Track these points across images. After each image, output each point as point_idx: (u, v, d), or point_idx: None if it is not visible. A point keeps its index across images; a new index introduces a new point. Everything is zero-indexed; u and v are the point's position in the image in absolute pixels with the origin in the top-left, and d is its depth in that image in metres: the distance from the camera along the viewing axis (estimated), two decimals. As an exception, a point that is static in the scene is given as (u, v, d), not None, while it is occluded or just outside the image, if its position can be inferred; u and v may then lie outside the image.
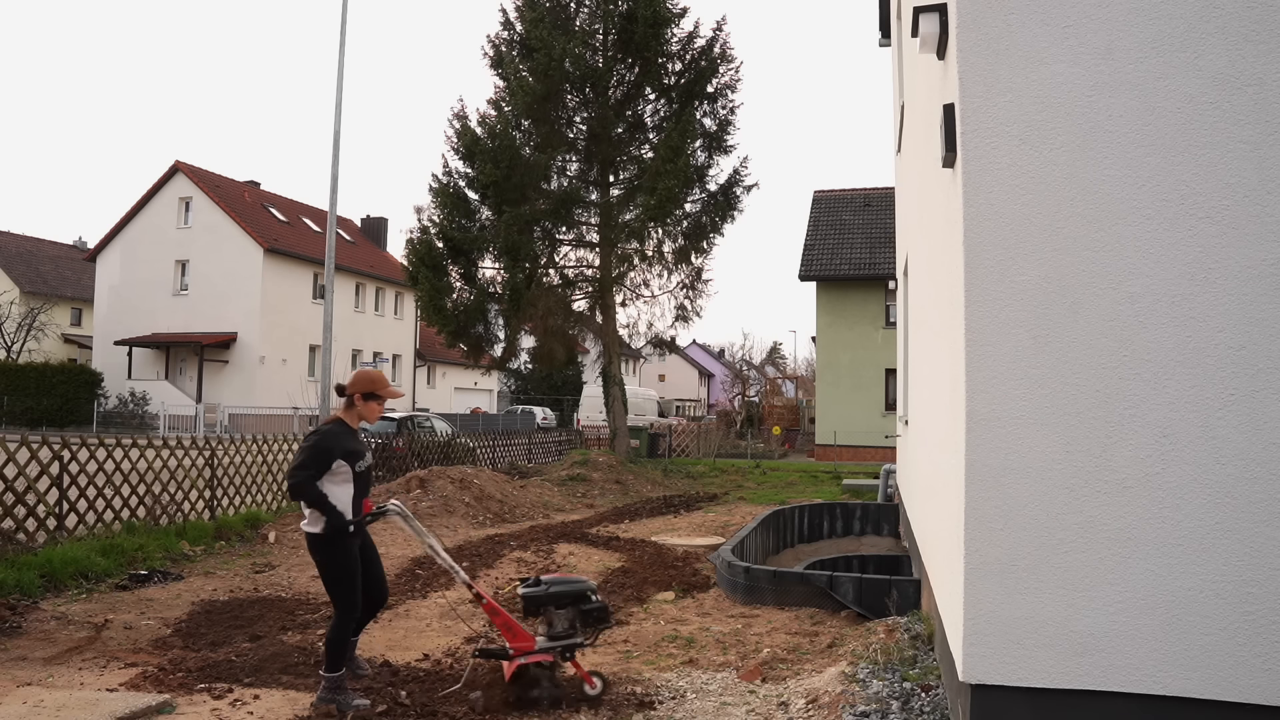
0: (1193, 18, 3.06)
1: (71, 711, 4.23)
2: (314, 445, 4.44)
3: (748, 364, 63.24)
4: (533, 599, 4.58)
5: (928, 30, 3.65)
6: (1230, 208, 3.01)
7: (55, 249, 47.16)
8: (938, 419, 4.35)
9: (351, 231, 43.56)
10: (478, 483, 13.61)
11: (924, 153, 5.06)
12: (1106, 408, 3.09)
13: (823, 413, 26.83)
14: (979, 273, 3.23)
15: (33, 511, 8.29)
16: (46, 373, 32.33)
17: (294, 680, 5.03)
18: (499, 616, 4.54)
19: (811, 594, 6.77)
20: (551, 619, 4.58)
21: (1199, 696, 2.94)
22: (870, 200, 28.68)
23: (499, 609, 4.58)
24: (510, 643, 4.49)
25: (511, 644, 4.48)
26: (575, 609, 4.61)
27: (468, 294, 21.27)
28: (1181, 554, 2.99)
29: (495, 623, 4.60)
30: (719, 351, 78.38)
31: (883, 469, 14.06)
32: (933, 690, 4.21)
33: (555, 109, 20.99)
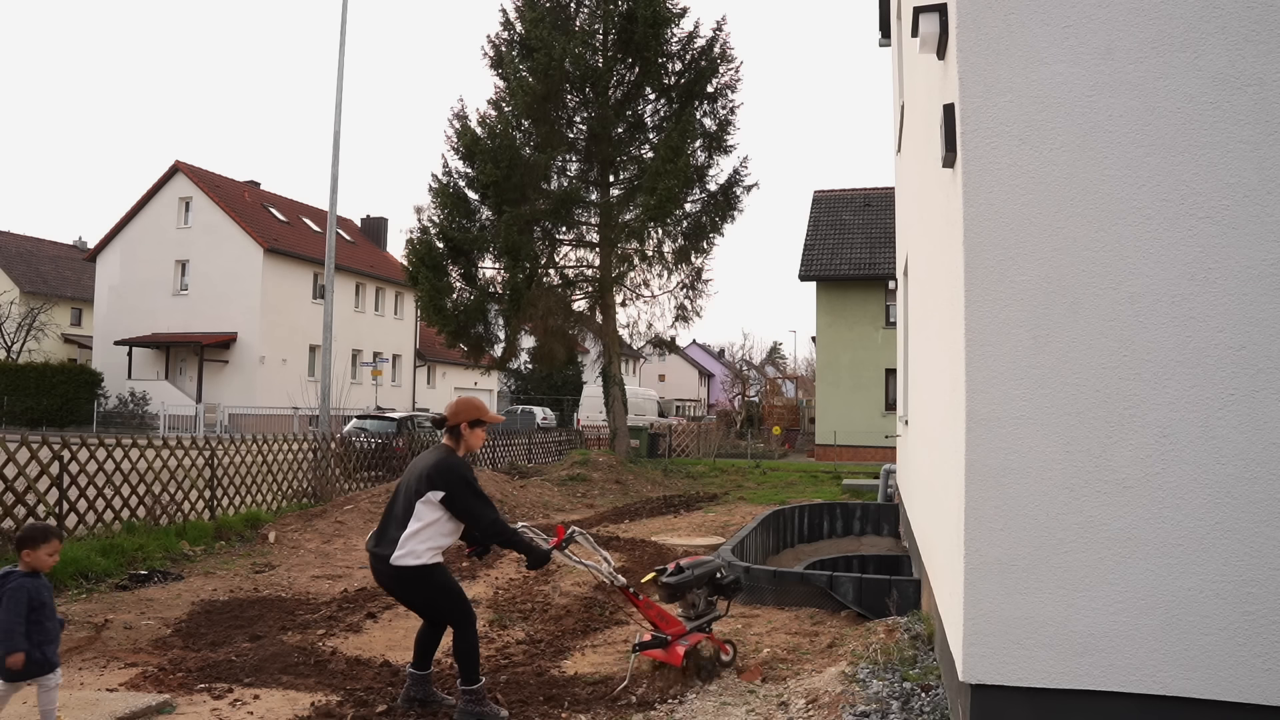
0: (1193, 18, 3.06)
1: (71, 711, 4.23)
2: (464, 481, 4.29)
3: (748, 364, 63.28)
4: (679, 585, 4.90)
5: (928, 30, 3.65)
6: (1230, 208, 3.01)
7: (55, 249, 47.17)
8: (938, 419, 4.35)
9: (351, 231, 43.57)
10: (478, 483, 13.58)
11: (924, 153, 5.07)
12: (1106, 408, 3.09)
13: (823, 413, 26.84)
14: (979, 273, 3.23)
15: (33, 511, 8.29)
16: (46, 373, 32.33)
17: (294, 680, 5.03)
18: (653, 609, 4.84)
19: (811, 594, 6.77)
20: (694, 600, 4.98)
21: (1199, 696, 2.94)
22: (870, 200, 28.68)
23: (651, 603, 4.87)
24: (665, 630, 4.81)
25: (667, 630, 4.81)
26: (711, 585, 5.06)
27: (468, 294, 21.27)
28: (1181, 554, 2.99)
29: (649, 615, 4.84)
30: (719, 351, 78.40)
31: (883, 469, 14.06)
32: (933, 690, 4.21)
33: (555, 109, 20.99)
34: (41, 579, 3.86)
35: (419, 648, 4.57)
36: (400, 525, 4.28)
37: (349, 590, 7.77)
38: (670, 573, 4.96)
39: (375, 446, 15.80)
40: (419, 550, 4.24)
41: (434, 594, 4.36)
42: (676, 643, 4.77)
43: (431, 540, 4.29)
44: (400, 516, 4.31)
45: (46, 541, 3.87)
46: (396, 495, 4.44)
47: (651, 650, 4.82)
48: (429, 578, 4.31)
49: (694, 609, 5.00)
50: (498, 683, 5.03)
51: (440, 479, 4.26)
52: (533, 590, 7.66)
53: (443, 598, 4.37)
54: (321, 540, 10.24)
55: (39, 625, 3.77)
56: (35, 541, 3.85)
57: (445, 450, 4.45)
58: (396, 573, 4.26)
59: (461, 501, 4.27)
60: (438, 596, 4.37)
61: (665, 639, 4.79)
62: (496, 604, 7.17)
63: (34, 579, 3.81)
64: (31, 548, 3.83)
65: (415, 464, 4.48)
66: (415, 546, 4.24)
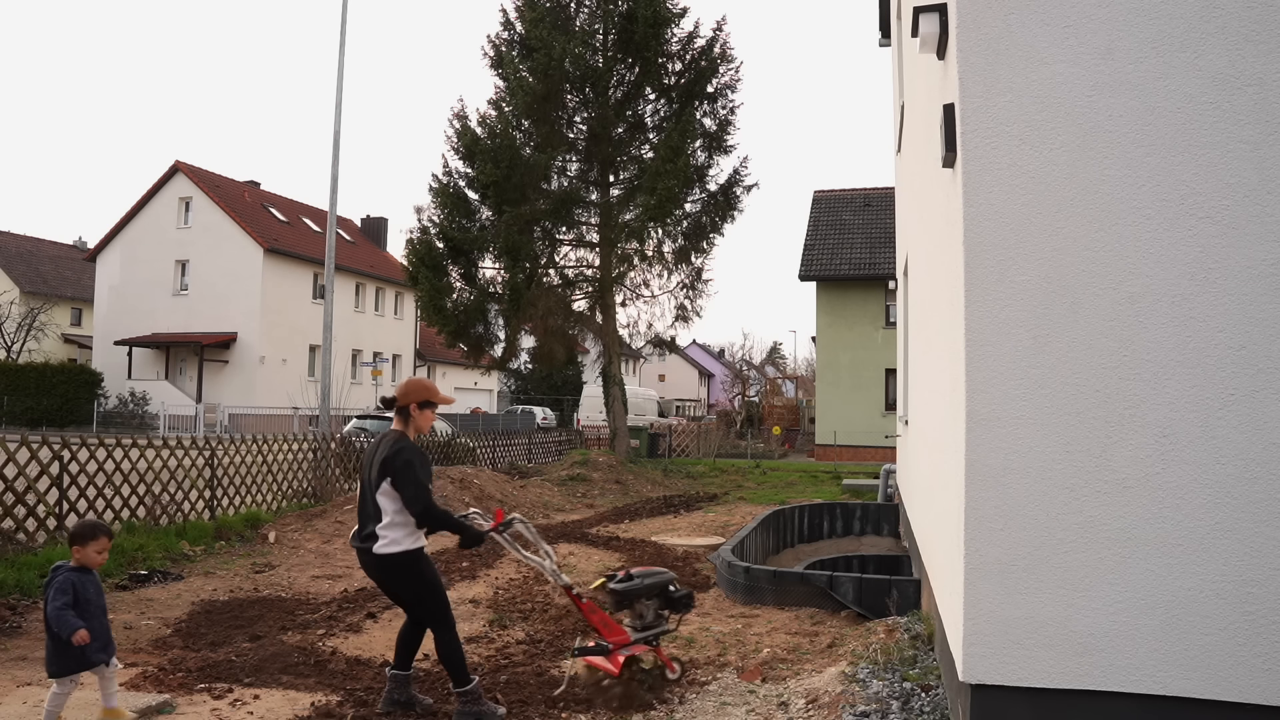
0: (1193, 18, 3.06)
1: (71, 711, 4.23)
2: (411, 464, 4.20)
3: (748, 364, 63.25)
4: (627, 593, 4.76)
5: (928, 30, 3.65)
6: (1230, 208, 3.01)
7: (55, 249, 47.16)
8: (938, 419, 4.35)
9: (351, 231, 43.57)
10: (478, 483, 13.61)
11: (924, 153, 5.06)
12: (1106, 408, 3.09)
13: (823, 413, 26.84)
14: (979, 273, 3.23)
15: (33, 511, 8.29)
16: (46, 373, 32.33)
17: (294, 680, 5.03)
18: (597, 615, 4.68)
19: (811, 594, 6.77)
20: (641, 610, 4.81)
21: (1199, 696, 2.94)
22: (870, 200, 28.68)
23: (596, 608, 4.72)
24: (608, 638, 4.64)
25: (609, 638, 4.64)
26: (661, 598, 4.88)
27: (468, 294, 21.27)
28: (1181, 554, 2.99)
29: (593, 621, 4.68)
30: (719, 351, 78.38)
31: (883, 469, 14.06)
32: (933, 690, 4.21)
33: (555, 109, 20.99)
34: (90, 575, 3.85)
35: (401, 646, 4.54)
36: (374, 518, 4.27)
37: (349, 590, 7.77)
38: (620, 579, 4.83)
39: (375, 446, 15.76)
40: (398, 537, 4.22)
41: (416, 585, 4.32)
42: (618, 651, 4.60)
43: (406, 524, 4.24)
44: (371, 510, 4.28)
45: (95, 539, 3.86)
46: (363, 489, 4.40)
47: (592, 657, 4.68)
48: (413, 566, 4.28)
49: (641, 619, 4.82)
50: (498, 682, 5.03)
51: (388, 464, 4.21)
52: (533, 590, 7.66)
53: (424, 591, 4.34)
54: (321, 540, 10.24)
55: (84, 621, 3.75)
56: (84, 539, 3.84)
57: (395, 435, 4.37)
58: (380, 562, 4.24)
59: (403, 486, 4.17)
60: (420, 588, 4.33)
61: (607, 646, 4.61)
62: (496, 604, 7.16)
63: (81, 574, 3.80)
64: (80, 544, 3.83)
65: (370, 453, 4.45)
66: (393, 534, 4.22)
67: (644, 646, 4.77)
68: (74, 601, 3.73)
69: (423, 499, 4.20)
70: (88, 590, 3.80)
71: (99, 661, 3.88)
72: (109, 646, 3.95)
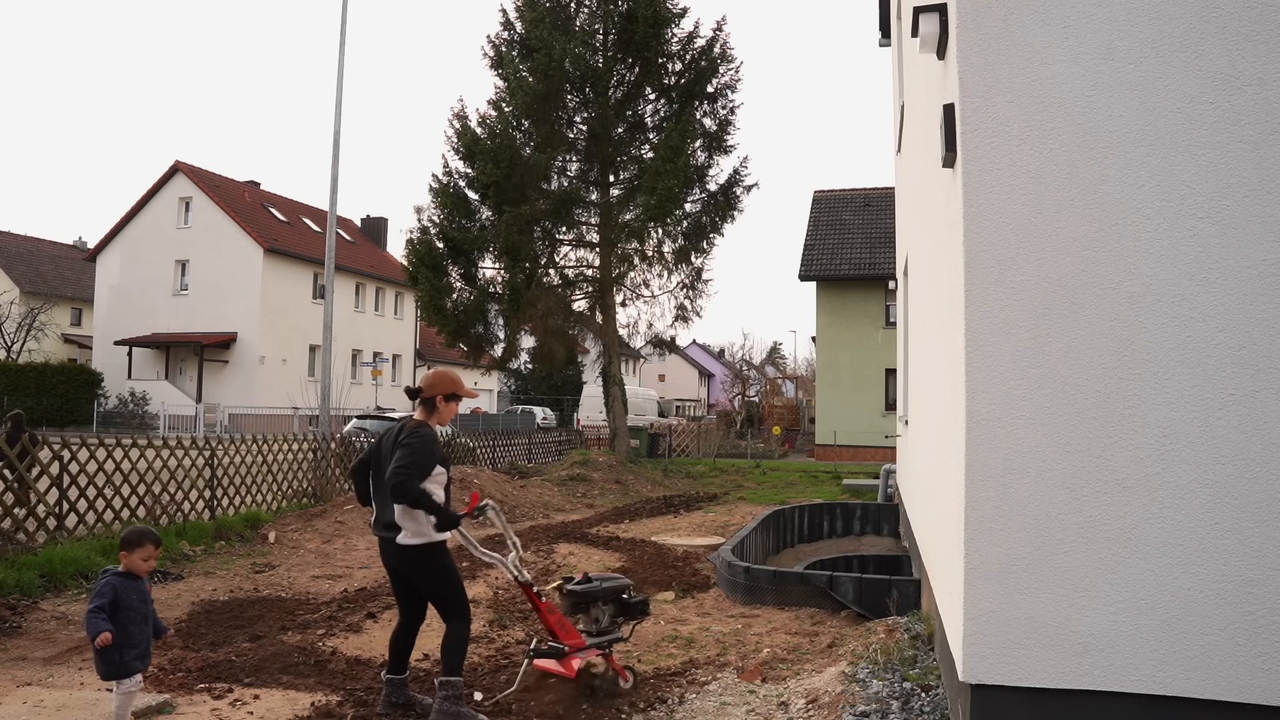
0: (1193, 18, 3.06)
1: (71, 711, 4.23)
2: (421, 445, 4.18)
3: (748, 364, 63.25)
4: (584, 595, 4.73)
5: (928, 30, 3.65)
6: (1230, 208, 3.01)
7: (55, 249, 47.16)
8: (938, 419, 4.35)
9: (351, 231, 43.57)
10: (478, 482, 13.61)
11: (924, 153, 5.07)
12: (1106, 408, 3.09)
13: (823, 413, 26.84)
14: (979, 273, 3.23)
15: (33, 511, 8.29)
16: (46, 373, 32.34)
17: (294, 680, 5.03)
18: (554, 616, 4.64)
19: (811, 594, 6.77)
20: (597, 615, 4.77)
21: (1199, 696, 2.94)
22: (870, 200, 28.68)
23: (554, 608, 4.68)
24: (564, 640, 4.59)
25: (565, 641, 4.59)
26: (617, 604, 4.83)
27: (468, 294, 21.27)
28: (1181, 554, 2.99)
29: (549, 622, 4.61)
30: (719, 351, 78.38)
31: (883, 469, 14.06)
32: (933, 690, 4.21)
33: (555, 109, 20.99)
34: (135, 582, 3.80)
35: (395, 650, 4.52)
36: (389, 508, 4.25)
37: (349, 590, 7.77)
38: (578, 582, 4.80)
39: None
40: (421, 528, 4.20)
41: (437, 576, 4.32)
42: (574, 655, 4.54)
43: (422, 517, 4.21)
44: (388, 499, 4.24)
45: (140, 546, 3.81)
46: (378, 478, 4.37)
47: (544, 661, 4.61)
48: (434, 557, 4.27)
49: (596, 624, 4.76)
50: (498, 682, 5.03)
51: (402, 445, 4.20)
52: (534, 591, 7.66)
53: (444, 582, 4.34)
54: (321, 540, 10.24)
55: (123, 628, 3.69)
56: (130, 545, 3.81)
57: (416, 423, 4.35)
58: (402, 552, 4.23)
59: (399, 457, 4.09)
60: (440, 579, 4.33)
61: (563, 649, 4.55)
62: (496, 604, 7.17)
63: (126, 580, 3.76)
64: (127, 550, 3.79)
65: (384, 442, 4.40)
66: (411, 524, 4.20)
67: (597, 652, 4.71)
68: (113, 607, 3.68)
69: (405, 471, 4.06)
70: (129, 597, 3.74)
71: (139, 669, 3.81)
72: (147, 656, 3.87)
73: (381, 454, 4.40)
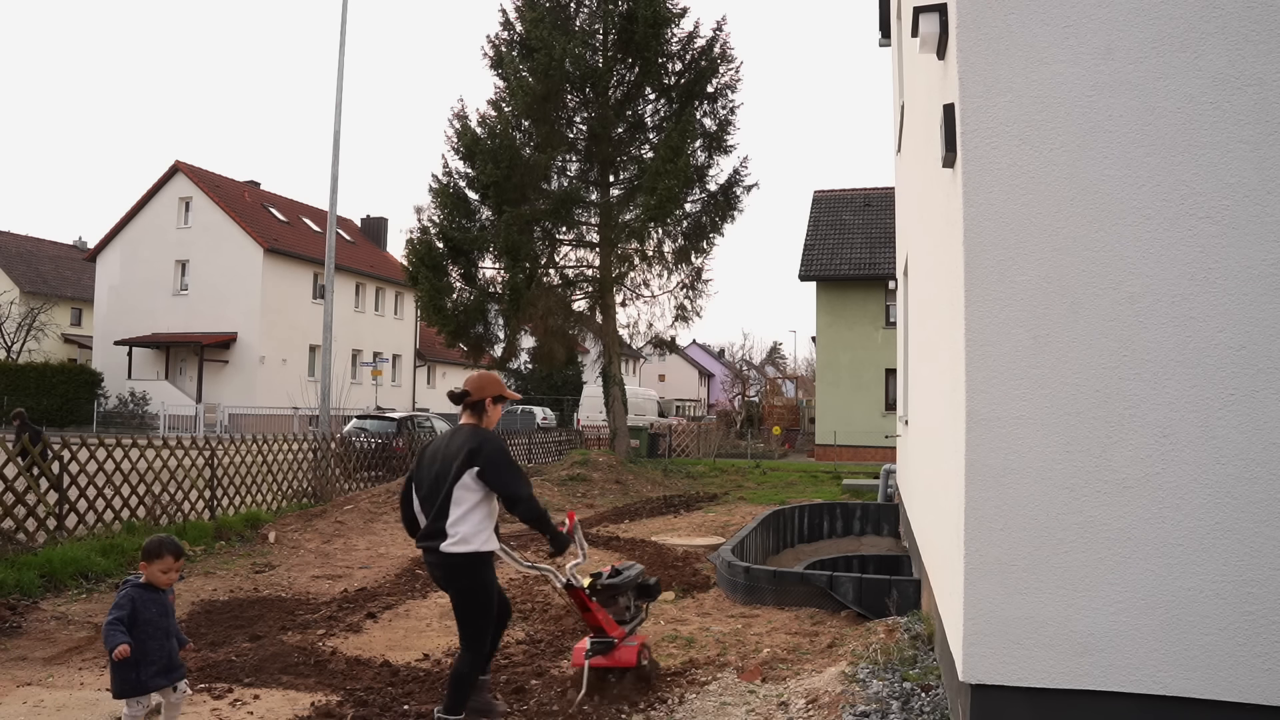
0: (1193, 18, 3.06)
1: (71, 711, 4.23)
2: (509, 456, 4.09)
3: (748, 364, 63.27)
4: (617, 587, 4.89)
5: (928, 30, 3.65)
6: (1230, 208, 3.01)
7: (55, 249, 47.15)
8: (938, 419, 4.35)
9: (351, 231, 43.57)
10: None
11: (924, 153, 5.07)
12: (1106, 408, 3.09)
13: (823, 413, 26.83)
14: (979, 273, 3.23)
15: (33, 511, 8.30)
16: (46, 373, 32.34)
17: (294, 680, 5.03)
18: (601, 613, 4.73)
19: (811, 594, 6.77)
20: (625, 603, 4.95)
21: (1199, 696, 2.94)
22: (870, 200, 28.68)
23: (600, 607, 4.75)
24: (611, 632, 4.73)
25: (612, 634, 4.74)
26: (637, 589, 5.08)
27: (468, 294, 21.26)
28: (1181, 554, 2.99)
29: (599, 619, 4.69)
30: (719, 351, 78.38)
31: (883, 469, 14.05)
32: (933, 690, 4.21)
33: (555, 109, 20.98)
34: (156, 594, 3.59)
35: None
36: (442, 514, 4.03)
37: (349, 590, 7.77)
38: (608, 576, 4.91)
39: (375, 446, 15.79)
40: (468, 535, 4.01)
41: (474, 590, 4.09)
42: (622, 646, 4.75)
43: (479, 524, 4.04)
44: (441, 504, 4.04)
45: (159, 557, 3.60)
46: (430, 484, 4.15)
47: (597, 659, 4.68)
48: (478, 568, 4.07)
49: (626, 612, 4.94)
50: (498, 682, 5.03)
51: (479, 453, 4.02)
52: (533, 590, 7.66)
53: (479, 600, 4.11)
54: (321, 540, 10.25)
55: (140, 643, 3.48)
56: (149, 556, 3.61)
57: (472, 427, 4.20)
58: (446, 560, 4.02)
59: (498, 475, 4.01)
60: (476, 595, 4.10)
61: (612, 642, 4.70)
62: (496, 604, 7.16)
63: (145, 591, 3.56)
64: (146, 562, 3.60)
65: (439, 447, 4.22)
66: (464, 531, 4.00)
67: (639, 638, 4.93)
68: (131, 619, 3.47)
69: (526, 489, 4.04)
70: (148, 609, 3.54)
71: (156, 687, 3.59)
72: (172, 671, 3.65)
73: (428, 461, 4.23)
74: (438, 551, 4.03)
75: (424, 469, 4.22)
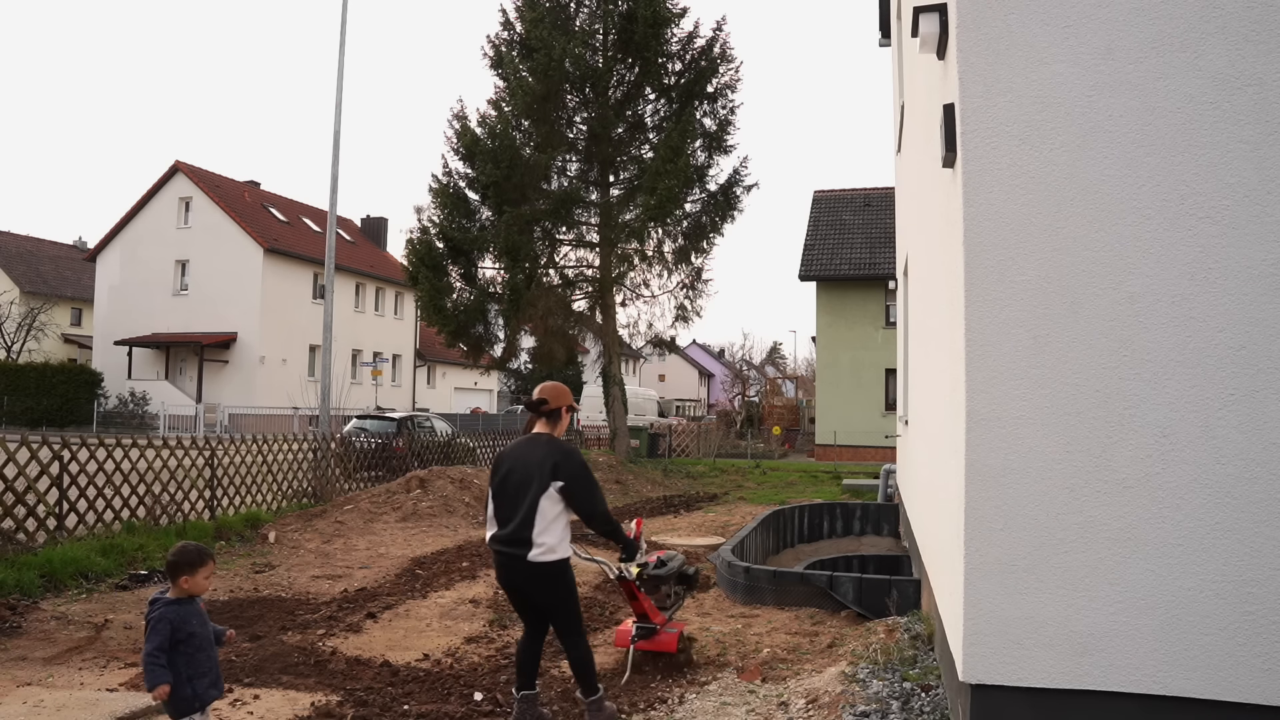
0: (1193, 18, 3.06)
1: (71, 711, 4.23)
2: (590, 471, 4.23)
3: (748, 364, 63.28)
4: (663, 577, 5.25)
5: (928, 30, 3.65)
6: (1230, 208, 3.01)
7: (55, 249, 47.16)
8: (938, 419, 4.35)
9: (351, 231, 43.56)
10: (478, 483, 13.61)
11: (924, 153, 5.06)
12: (1106, 408, 3.09)
13: (823, 413, 26.83)
14: (979, 273, 3.23)
15: (33, 511, 8.29)
16: (46, 373, 32.32)
17: (294, 680, 5.03)
18: (647, 601, 5.11)
19: (811, 594, 6.77)
20: (667, 591, 5.33)
21: (1199, 696, 2.94)
22: (870, 200, 28.68)
23: (645, 595, 5.11)
24: (654, 619, 5.14)
25: (655, 620, 5.14)
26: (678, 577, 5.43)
27: (468, 294, 21.27)
28: (1181, 554, 2.99)
29: (645, 606, 5.08)
30: (719, 351, 78.37)
31: (883, 469, 14.05)
32: (933, 690, 4.21)
33: (555, 109, 20.98)
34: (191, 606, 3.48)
35: (526, 665, 4.35)
36: (527, 525, 4.08)
37: (349, 590, 7.77)
38: (654, 566, 5.26)
39: (375, 446, 15.79)
40: (555, 545, 4.10)
41: (564, 593, 4.21)
42: (664, 631, 5.16)
43: (561, 532, 4.15)
44: (526, 513, 4.09)
45: (203, 564, 3.49)
46: (514, 491, 4.18)
47: (642, 643, 5.10)
48: (564, 574, 4.18)
49: (668, 599, 5.34)
50: (498, 683, 5.04)
51: (562, 468, 4.13)
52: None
53: (569, 598, 4.25)
54: (321, 540, 10.24)
55: (189, 657, 3.38)
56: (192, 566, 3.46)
57: (549, 437, 4.31)
58: (534, 570, 4.08)
59: (580, 490, 4.15)
60: (567, 597, 4.22)
61: (655, 628, 5.10)
62: (496, 604, 7.16)
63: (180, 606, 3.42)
64: (190, 573, 3.45)
65: (518, 455, 4.27)
66: (551, 541, 4.09)
67: (679, 624, 5.38)
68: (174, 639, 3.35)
69: (604, 504, 4.28)
70: (190, 624, 3.41)
71: (211, 699, 3.51)
72: (219, 681, 3.57)
73: (506, 468, 4.27)
74: (524, 559, 4.09)
75: (502, 476, 4.28)
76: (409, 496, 12.40)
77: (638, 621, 5.10)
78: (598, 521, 4.26)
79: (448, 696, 4.82)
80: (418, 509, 11.91)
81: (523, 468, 4.20)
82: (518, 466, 4.22)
